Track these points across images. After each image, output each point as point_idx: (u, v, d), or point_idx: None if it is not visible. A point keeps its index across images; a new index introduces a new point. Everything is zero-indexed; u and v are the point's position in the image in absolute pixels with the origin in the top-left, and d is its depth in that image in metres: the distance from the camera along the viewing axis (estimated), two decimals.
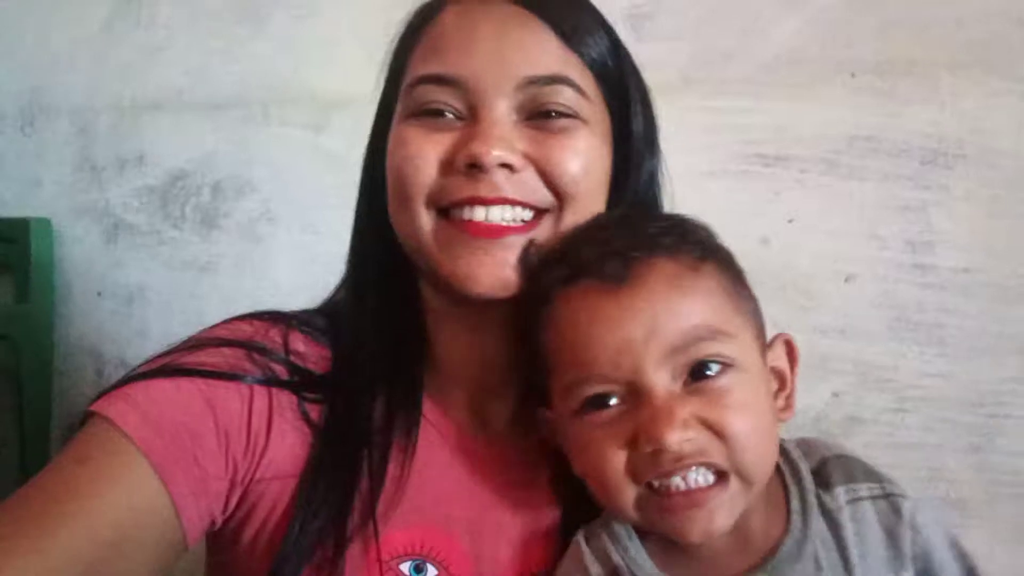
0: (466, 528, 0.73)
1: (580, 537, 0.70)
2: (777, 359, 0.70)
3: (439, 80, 0.70)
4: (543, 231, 0.71)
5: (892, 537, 0.66)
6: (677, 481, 0.61)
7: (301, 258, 1.53)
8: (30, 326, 1.65)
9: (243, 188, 1.59)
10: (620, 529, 0.68)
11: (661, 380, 0.61)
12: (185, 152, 1.64)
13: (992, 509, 1.13)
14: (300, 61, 1.55)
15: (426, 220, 0.71)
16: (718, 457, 0.61)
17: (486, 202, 0.69)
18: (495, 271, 0.69)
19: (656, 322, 0.61)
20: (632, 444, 0.61)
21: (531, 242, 0.70)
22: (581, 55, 0.72)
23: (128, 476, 0.62)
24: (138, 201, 1.67)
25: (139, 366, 0.70)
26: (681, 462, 0.60)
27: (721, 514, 0.61)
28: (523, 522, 0.75)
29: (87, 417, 0.66)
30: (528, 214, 0.71)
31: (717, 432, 0.61)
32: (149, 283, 1.65)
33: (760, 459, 0.63)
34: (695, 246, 0.66)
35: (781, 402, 0.70)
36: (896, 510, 0.67)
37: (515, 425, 0.79)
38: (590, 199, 0.72)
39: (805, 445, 0.72)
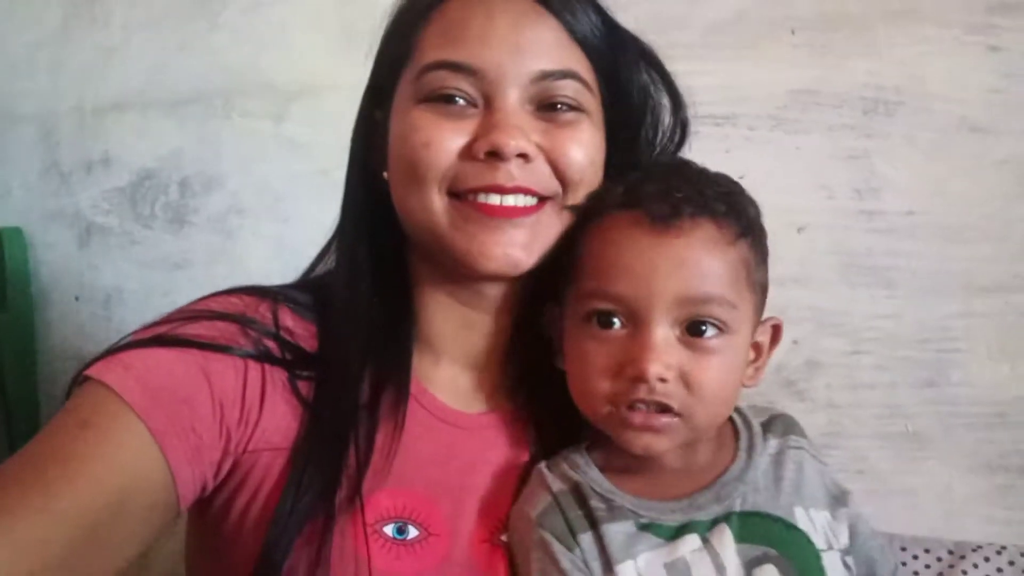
0: (446, 492, 0.77)
1: (541, 466, 0.77)
2: (762, 335, 0.77)
3: (456, 67, 0.72)
4: (547, 214, 0.75)
5: (826, 486, 0.76)
6: (637, 416, 0.69)
7: (272, 248, 1.55)
8: (10, 335, 1.66)
9: (210, 183, 1.61)
10: (578, 457, 0.76)
11: (663, 322, 0.68)
12: (150, 151, 1.65)
13: (948, 440, 1.18)
14: (256, 52, 1.56)
15: (439, 202, 0.73)
16: (678, 405, 0.69)
17: (504, 191, 0.72)
18: (508, 250, 0.73)
19: (681, 272, 0.68)
20: (617, 369, 0.69)
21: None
22: (585, 48, 0.76)
23: (128, 441, 0.64)
24: (107, 203, 1.69)
25: (133, 333, 0.71)
26: (651, 396, 0.68)
27: (663, 440, 0.70)
28: (500, 486, 0.79)
29: (82, 380, 0.67)
30: (533, 200, 0.74)
31: (688, 384, 0.68)
32: (124, 284, 1.67)
33: (711, 417, 0.72)
34: (740, 219, 0.72)
35: (751, 371, 0.77)
36: (824, 471, 0.78)
37: (496, 397, 0.84)
38: (590, 184, 0.77)
39: (755, 408, 0.82)
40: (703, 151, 1.26)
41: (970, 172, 1.17)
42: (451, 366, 0.83)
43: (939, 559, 1.15)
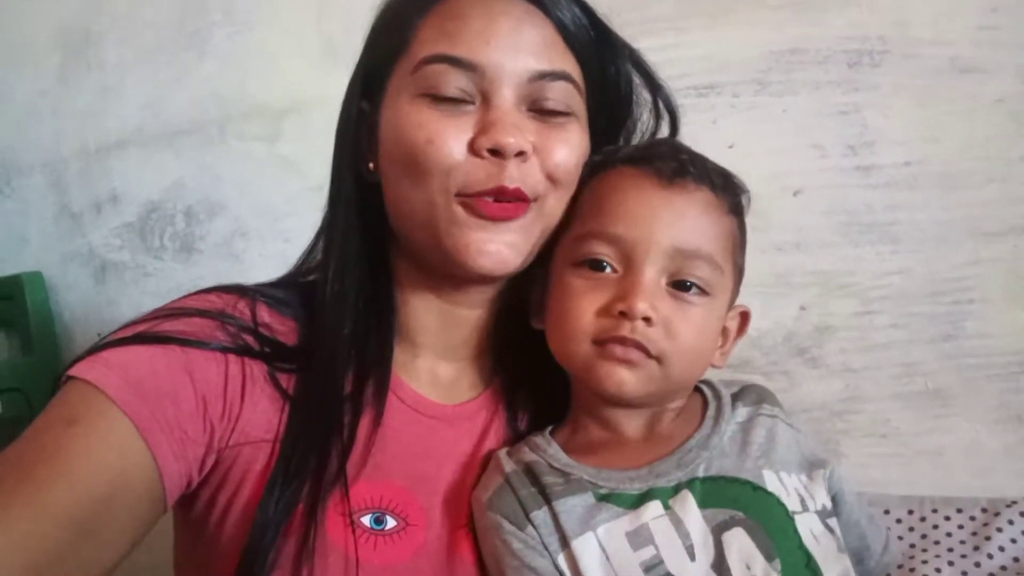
0: (422, 482, 0.78)
1: (499, 450, 0.79)
2: (731, 320, 0.80)
3: (456, 62, 0.73)
4: (532, 215, 0.76)
5: (801, 451, 0.77)
6: (617, 349, 0.72)
7: (277, 266, 1.54)
8: (38, 377, 1.70)
9: (213, 209, 1.63)
10: (539, 439, 0.78)
11: (655, 267, 0.71)
12: (154, 184, 1.68)
13: (971, 394, 1.14)
14: (244, 76, 1.58)
15: (440, 197, 0.74)
16: (656, 349, 0.71)
17: (506, 194, 0.73)
18: (502, 249, 0.74)
19: (680, 224, 0.72)
20: (604, 307, 0.72)
21: None
22: (576, 51, 0.77)
23: (115, 437, 0.65)
24: (119, 239, 1.72)
25: (113, 333, 0.72)
26: (633, 334, 0.70)
27: (636, 377, 0.72)
28: (476, 476, 0.80)
29: (64, 381, 0.68)
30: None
31: (668, 332, 0.71)
32: None
33: (684, 370, 0.74)
34: (733, 197, 0.77)
35: (718, 354, 0.79)
36: (804, 439, 0.79)
37: (473, 389, 0.86)
38: (573, 183, 0.79)
39: (728, 381, 0.83)
40: (689, 123, 1.24)
41: (965, 115, 1.12)
42: (429, 359, 0.84)
43: (972, 518, 1.11)
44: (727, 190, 0.76)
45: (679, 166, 0.74)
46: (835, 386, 1.19)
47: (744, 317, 0.81)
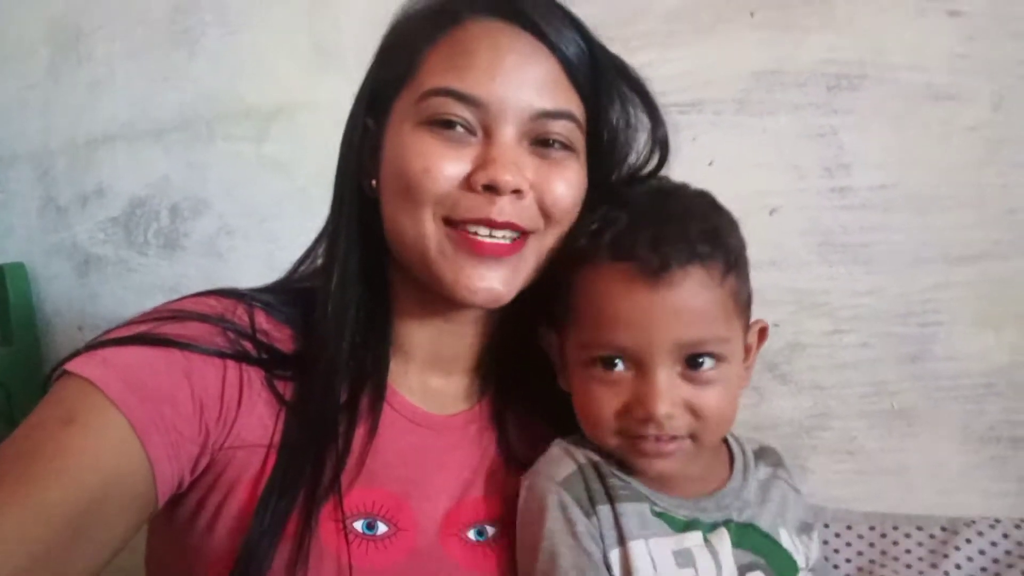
0: (414, 489, 0.79)
1: (562, 440, 0.82)
2: (750, 337, 0.82)
3: (461, 97, 0.74)
4: (528, 249, 0.78)
5: (801, 514, 0.84)
6: (648, 444, 0.75)
7: (263, 267, 1.56)
8: (17, 368, 1.70)
9: (198, 207, 1.64)
10: (590, 448, 0.81)
11: (663, 364, 0.73)
12: (140, 180, 1.69)
13: (936, 415, 1.16)
14: (234, 76, 1.59)
15: (432, 227, 0.75)
16: (687, 431, 0.75)
17: (494, 225, 0.74)
18: (495, 285, 0.76)
19: (676, 321, 0.72)
20: (625, 408, 0.74)
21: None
22: (578, 89, 0.78)
23: (111, 437, 0.65)
24: (103, 233, 1.73)
25: (113, 330, 0.73)
26: (660, 431, 0.74)
27: (674, 463, 0.76)
28: (466, 484, 0.83)
29: (59, 375, 0.68)
30: (516, 234, 0.77)
31: (695, 412, 0.74)
32: (124, 311, 1.65)
33: (719, 431, 0.79)
34: (726, 256, 0.75)
35: (742, 371, 0.81)
36: (804, 501, 0.87)
37: (464, 400, 0.88)
38: (570, 221, 0.80)
39: (746, 438, 0.89)
40: (671, 139, 1.28)
41: (939, 140, 1.14)
42: (422, 370, 0.86)
43: (932, 536, 1.13)
44: (717, 254, 0.74)
45: (662, 259, 0.72)
46: (804, 402, 1.21)
47: (762, 332, 0.83)
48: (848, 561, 1.13)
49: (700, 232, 0.74)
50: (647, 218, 0.76)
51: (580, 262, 0.77)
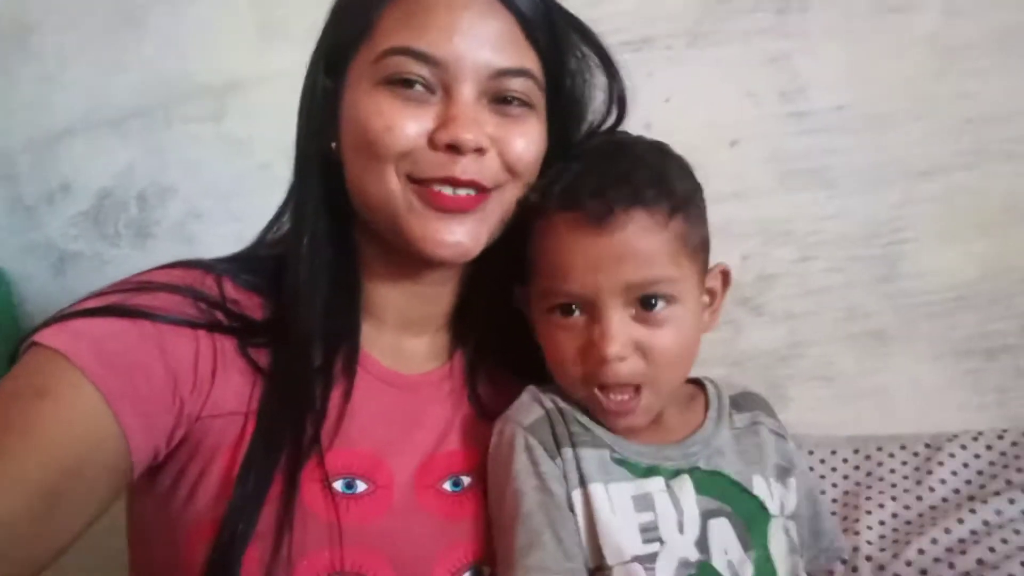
0: (388, 447, 0.80)
1: (533, 387, 0.83)
2: (713, 280, 0.82)
3: (418, 55, 0.73)
4: (492, 204, 0.78)
5: (784, 458, 0.84)
6: (613, 396, 0.77)
7: (232, 247, 1.54)
8: (1, 371, 1.70)
9: (164, 193, 1.62)
10: (558, 396, 0.83)
11: (615, 306, 0.74)
12: (104, 171, 1.66)
13: (910, 332, 1.16)
14: (185, 56, 1.56)
15: (396, 184, 0.75)
16: (640, 379, 0.76)
17: (457, 183, 0.75)
18: (462, 239, 0.76)
19: (622, 263, 0.73)
20: (582, 351, 0.76)
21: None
22: (536, 46, 0.78)
23: (84, 410, 0.65)
24: (74, 229, 1.71)
25: (82, 301, 0.72)
26: (616, 378, 0.75)
27: (639, 416, 0.78)
28: (440, 439, 0.84)
29: (30, 345, 0.68)
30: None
31: (646, 356, 0.75)
32: None
33: (673, 379, 0.80)
34: (670, 199, 0.75)
35: (707, 316, 0.83)
36: (785, 446, 0.86)
37: (435, 359, 0.89)
38: (532, 175, 0.80)
39: (730, 384, 0.89)
40: (625, 78, 1.26)
41: (893, 55, 1.13)
42: (393, 331, 0.86)
43: (915, 454, 1.13)
44: (661, 197, 0.75)
45: (605, 205, 0.73)
46: (779, 332, 1.21)
47: (725, 275, 0.84)
48: (835, 486, 1.13)
49: (645, 178, 0.75)
50: (596, 168, 0.78)
51: (534, 215, 0.79)
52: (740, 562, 0.73)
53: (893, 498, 1.09)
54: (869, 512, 1.08)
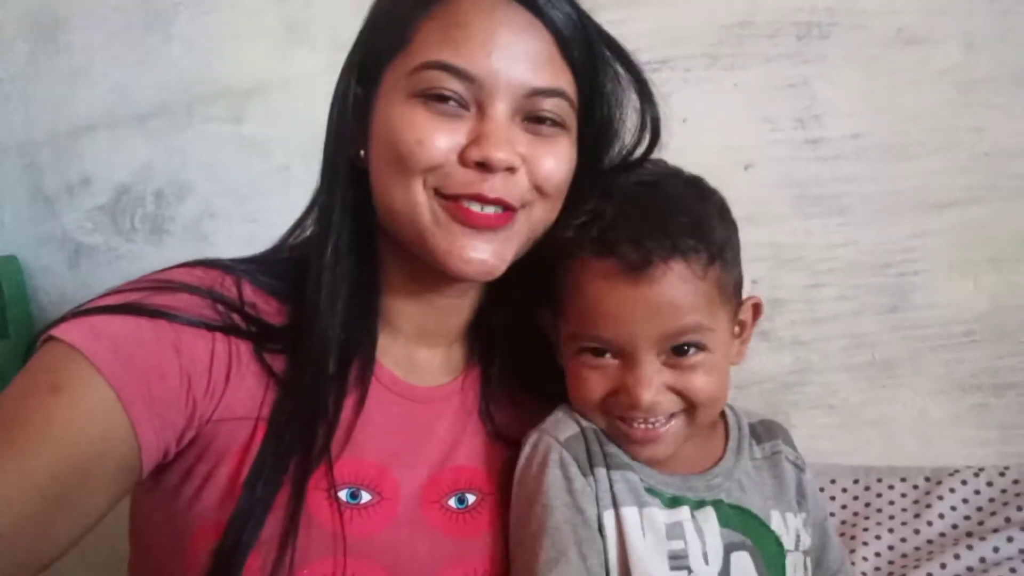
0: (396, 459, 0.79)
1: (566, 406, 0.82)
2: (744, 313, 0.82)
3: (456, 72, 0.72)
4: (519, 223, 0.77)
5: (800, 490, 0.84)
6: (639, 424, 0.76)
7: (245, 248, 1.54)
8: (14, 361, 1.70)
9: (182, 191, 1.64)
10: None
11: (648, 355, 0.74)
12: (124, 167, 1.68)
13: (917, 365, 1.15)
14: (209, 58, 1.58)
15: (423, 197, 0.74)
16: (676, 409, 0.76)
17: (485, 201, 0.74)
18: (487, 257, 0.75)
19: (658, 314, 0.73)
20: (612, 393, 0.76)
21: None
22: (573, 68, 0.77)
23: (98, 408, 0.65)
24: (91, 222, 1.73)
25: (101, 297, 0.72)
26: (648, 415, 0.75)
27: (664, 446, 0.77)
28: (448, 454, 0.83)
29: (47, 339, 0.68)
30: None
31: (681, 395, 0.75)
32: None
33: (710, 411, 0.79)
34: (708, 248, 0.74)
35: (736, 348, 0.82)
36: (801, 476, 0.86)
37: (448, 372, 0.87)
38: (561, 196, 0.79)
39: (748, 411, 0.90)
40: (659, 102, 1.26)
41: (911, 86, 1.13)
42: (407, 342, 0.85)
43: (915, 487, 1.12)
44: (700, 247, 0.74)
45: (643, 256, 0.72)
46: (785, 359, 1.20)
47: (756, 308, 0.84)
48: (833, 515, 1.12)
49: (683, 226, 0.74)
50: (631, 212, 0.76)
51: (567, 255, 0.78)
52: None
53: (891, 530, 1.09)
54: (866, 543, 1.08)
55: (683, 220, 0.74)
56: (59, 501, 0.62)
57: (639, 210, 0.76)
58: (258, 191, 1.57)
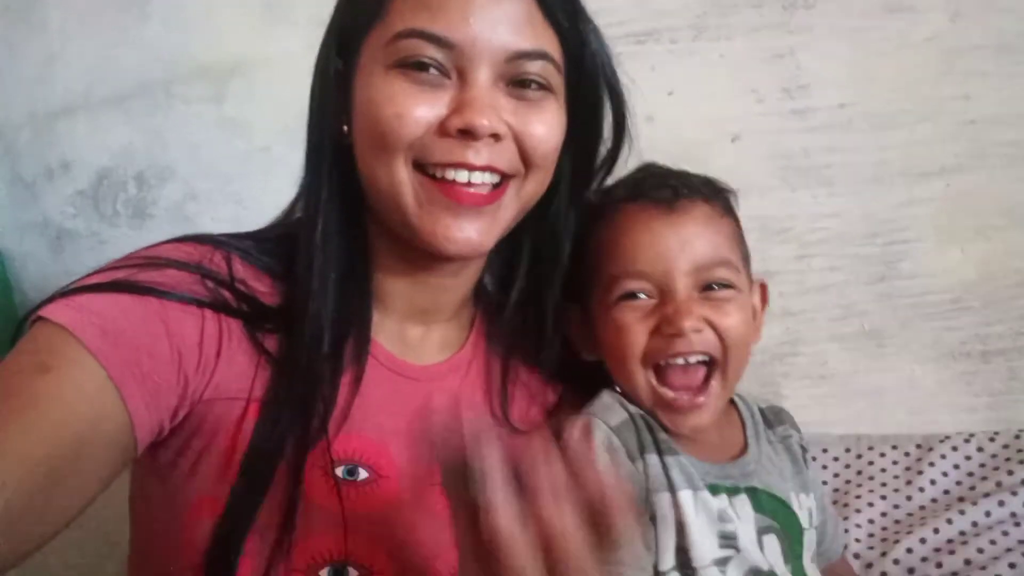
0: (394, 437, 0.79)
1: (611, 392, 0.85)
2: (753, 296, 0.86)
3: (433, 38, 0.71)
4: (508, 197, 0.76)
5: (808, 473, 0.89)
6: (680, 361, 0.78)
7: (230, 228, 1.54)
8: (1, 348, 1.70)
9: (163, 174, 1.61)
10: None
11: (684, 285, 0.78)
12: (104, 150, 1.66)
13: (907, 333, 1.16)
14: (188, 37, 1.56)
15: (405, 174, 0.73)
16: (713, 350, 0.79)
17: (472, 167, 0.72)
18: (473, 235, 0.74)
19: (691, 242, 0.79)
20: (654, 332, 0.78)
21: None
22: (557, 28, 0.75)
23: (87, 386, 0.64)
24: (72, 207, 1.71)
25: (89, 276, 0.71)
26: (690, 348, 0.77)
27: (709, 412, 0.80)
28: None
29: (35, 319, 0.67)
30: (497, 178, 0.74)
31: (716, 329, 0.78)
32: None
33: (739, 360, 0.81)
34: (723, 201, 0.84)
35: (753, 324, 0.86)
36: (805, 456, 0.90)
37: (444, 350, 0.86)
38: (551, 165, 0.78)
39: (752, 397, 0.93)
40: (628, 72, 1.25)
41: (896, 55, 1.12)
42: (401, 320, 0.84)
43: (907, 454, 1.13)
44: (717, 195, 0.83)
45: (672, 191, 0.80)
46: (775, 330, 1.21)
47: (763, 289, 0.88)
48: (825, 483, 1.13)
49: (700, 179, 0.84)
50: (653, 172, 0.85)
51: (603, 210, 0.83)
52: (782, 574, 0.78)
53: (883, 497, 1.10)
54: (859, 511, 1.09)
55: (697, 177, 0.84)
56: (52, 480, 0.61)
57: (658, 172, 0.85)
58: (240, 172, 1.55)
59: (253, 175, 1.53)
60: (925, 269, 1.14)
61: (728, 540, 0.76)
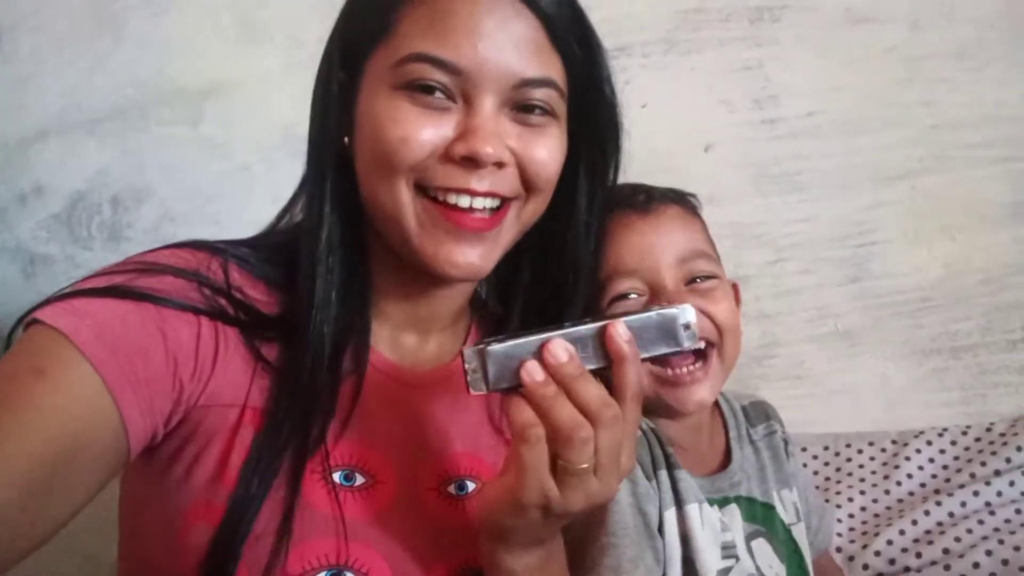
0: (391, 443, 0.79)
1: None
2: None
3: (441, 64, 0.70)
4: (508, 220, 0.76)
5: (794, 465, 0.93)
6: (682, 373, 0.82)
7: None
8: None
9: (139, 196, 1.61)
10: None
11: (672, 277, 0.83)
12: (78, 173, 1.65)
13: (879, 332, 1.19)
14: (163, 59, 1.56)
15: (407, 196, 0.73)
16: (710, 335, 0.83)
17: (474, 193, 0.72)
18: (475, 260, 0.74)
19: (671, 238, 0.85)
20: None
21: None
22: (563, 55, 0.75)
23: (82, 391, 0.64)
24: (46, 231, 1.69)
25: (85, 280, 0.71)
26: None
27: (711, 386, 0.84)
28: (445, 440, 0.82)
29: (31, 322, 0.66)
30: (497, 202, 0.75)
31: (709, 316, 0.83)
32: None
33: (735, 342, 0.87)
34: (691, 204, 0.92)
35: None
36: (788, 449, 0.94)
37: (441, 356, 0.86)
38: (551, 188, 0.78)
39: (737, 394, 0.98)
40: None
41: (861, 64, 1.17)
42: (398, 327, 0.84)
43: (883, 450, 1.17)
44: (683, 199, 0.91)
45: (646, 196, 0.88)
46: (752, 333, 1.23)
47: (736, 289, 0.92)
48: None
49: (668, 189, 0.91)
50: (622, 187, 0.89)
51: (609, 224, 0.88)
52: (779, 572, 0.82)
53: (862, 492, 1.13)
54: (839, 506, 1.12)
55: (667, 188, 0.91)
56: (44, 485, 0.61)
57: (628, 184, 0.89)
58: (218, 192, 1.54)
59: (231, 195, 1.53)
60: (894, 269, 1.18)
61: (729, 550, 0.79)
